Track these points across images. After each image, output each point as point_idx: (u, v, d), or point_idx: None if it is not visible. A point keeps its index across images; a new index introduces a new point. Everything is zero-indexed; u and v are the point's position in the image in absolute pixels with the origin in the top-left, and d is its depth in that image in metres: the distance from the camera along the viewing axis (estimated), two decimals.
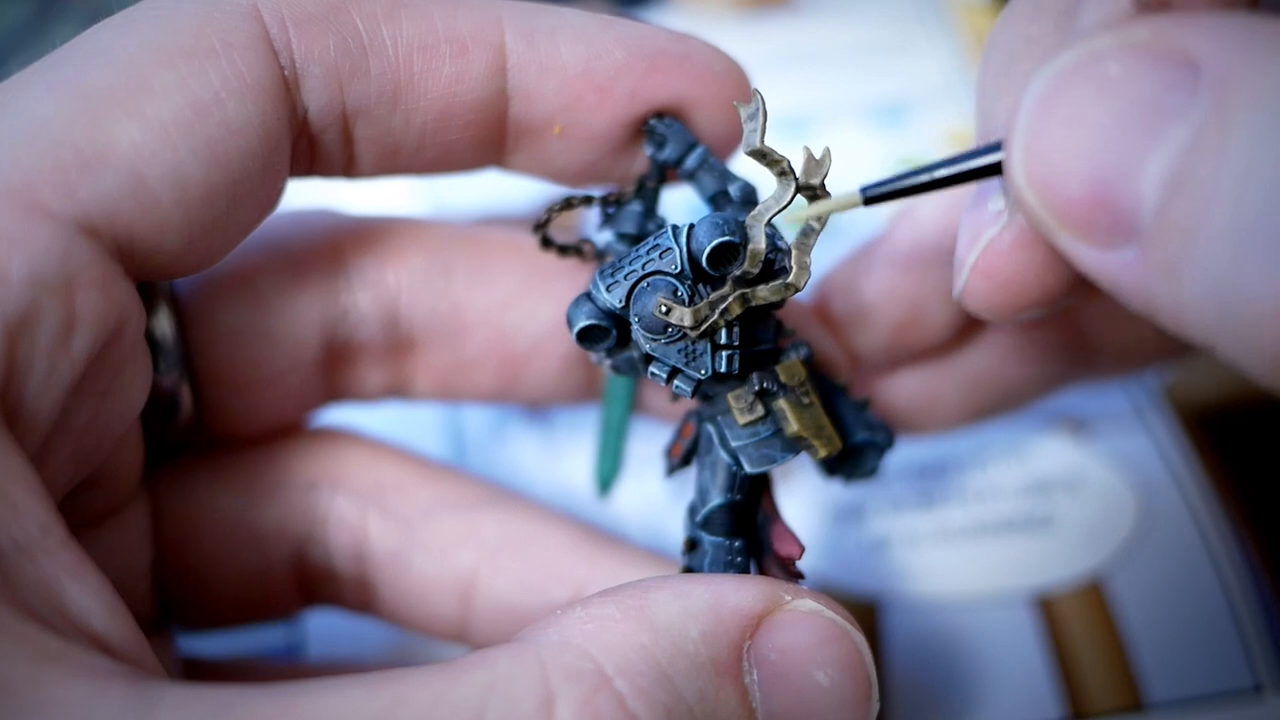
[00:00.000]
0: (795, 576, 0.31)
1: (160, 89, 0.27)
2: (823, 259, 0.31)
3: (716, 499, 0.31)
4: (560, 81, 0.31)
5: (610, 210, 0.33)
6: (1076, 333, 0.39)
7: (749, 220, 0.29)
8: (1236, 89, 0.20)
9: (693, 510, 0.32)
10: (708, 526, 0.31)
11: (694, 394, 0.30)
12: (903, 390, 0.37)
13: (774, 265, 0.29)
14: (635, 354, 0.31)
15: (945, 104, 0.56)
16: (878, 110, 0.56)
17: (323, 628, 0.42)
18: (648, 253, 0.29)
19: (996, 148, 0.26)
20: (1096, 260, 0.23)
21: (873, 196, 0.27)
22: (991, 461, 0.45)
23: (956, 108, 0.56)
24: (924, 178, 0.27)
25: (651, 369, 0.30)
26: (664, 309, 0.28)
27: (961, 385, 0.38)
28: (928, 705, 0.40)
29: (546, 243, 0.33)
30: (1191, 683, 0.40)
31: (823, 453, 0.30)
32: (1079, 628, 0.41)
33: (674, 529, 0.33)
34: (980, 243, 0.27)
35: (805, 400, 0.30)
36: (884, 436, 0.33)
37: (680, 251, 0.29)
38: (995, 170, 0.26)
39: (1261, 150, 0.20)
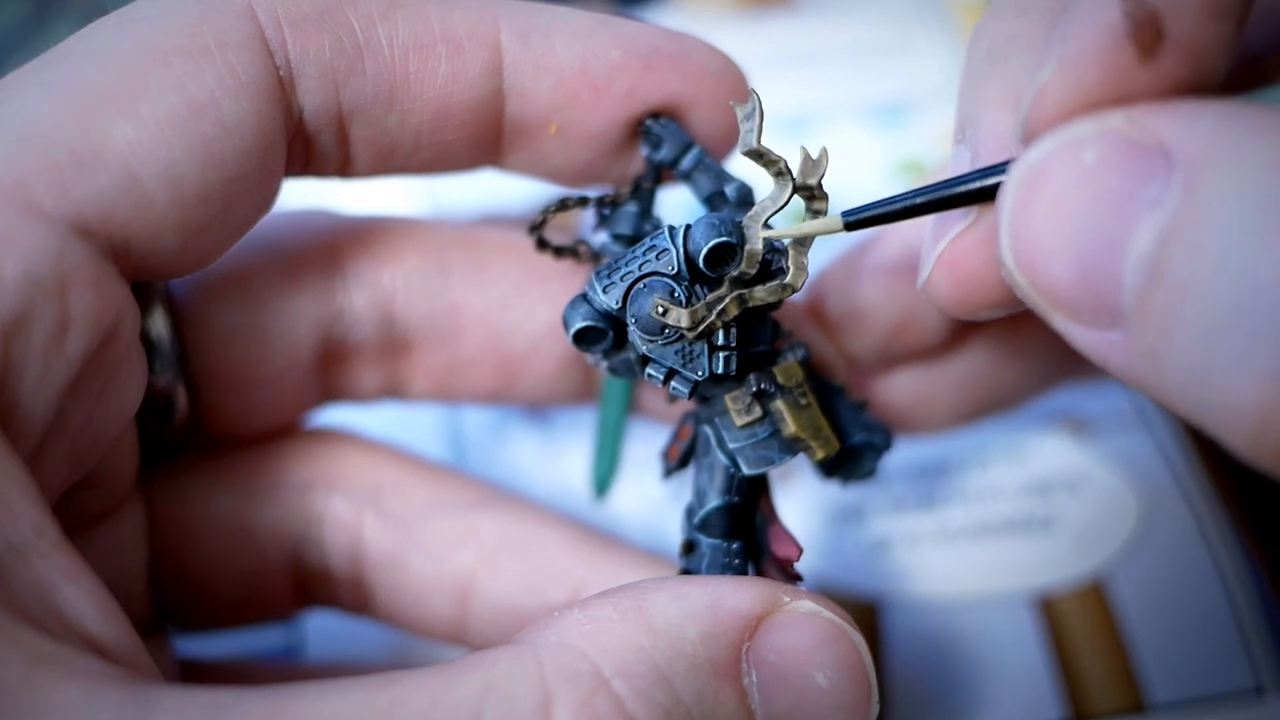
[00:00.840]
0: (793, 578, 0.31)
1: (155, 88, 0.27)
2: (820, 259, 0.31)
3: (714, 501, 0.31)
4: (556, 81, 0.31)
5: (606, 211, 0.33)
6: None
7: (746, 221, 0.28)
8: (1208, 179, 0.21)
9: (690, 512, 0.31)
10: (705, 528, 0.31)
11: (691, 395, 0.30)
12: (898, 391, 0.37)
13: (771, 266, 0.29)
14: (632, 355, 0.31)
15: (945, 104, 0.56)
16: (877, 110, 0.56)
17: (322, 629, 0.42)
18: (644, 254, 0.29)
19: (973, 177, 0.26)
20: (1086, 339, 0.23)
21: (853, 222, 0.27)
22: (992, 462, 0.45)
23: (956, 108, 0.56)
24: (905, 204, 0.27)
25: (648, 370, 0.30)
26: (661, 310, 0.28)
27: (956, 385, 0.38)
28: (928, 706, 0.40)
29: (542, 244, 0.33)
30: (1193, 684, 0.40)
31: (820, 454, 0.30)
32: (1080, 628, 0.41)
33: (672, 531, 0.33)
34: (946, 237, 0.27)
35: (803, 401, 0.30)
36: (882, 438, 0.33)
37: (677, 252, 0.29)
38: (975, 198, 0.26)
39: (1232, 242, 0.20)
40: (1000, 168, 0.26)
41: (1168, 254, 0.21)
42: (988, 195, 0.26)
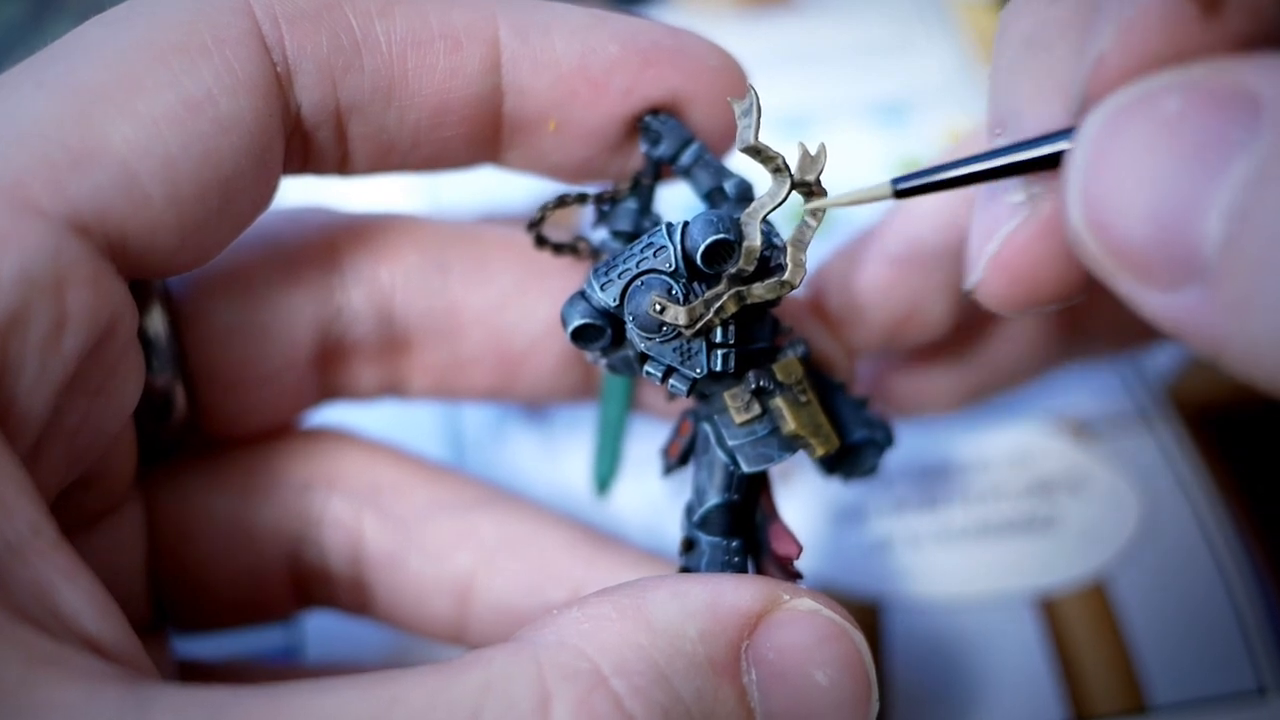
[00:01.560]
0: (793, 576, 0.31)
1: (152, 85, 0.27)
2: (818, 256, 0.31)
3: (714, 498, 0.31)
4: (555, 77, 0.31)
5: (605, 208, 0.33)
6: (1069, 312, 0.39)
7: (744, 217, 0.28)
8: None
9: (690, 510, 0.31)
10: (705, 526, 0.31)
11: (689, 393, 0.30)
12: (899, 374, 0.37)
13: (769, 263, 0.29)
14: (630, 353, 0.31)
15: (946, 103, 0.56)
16: (878, 109, 0.56)
17: (321, 630, 0.42)
18: (642, 251, 0.29)
19: (1040, 142, 0.25)
20: (1159, 303, 0.22)
21: (904, 190, 0.26)
22: (994, 462, 0.45)
23: (958, 106, 0.56)
24: (959, 171, 0.26)
25: (646, 368, 0.30)
26: (658, 307, 0.28)
27: (956, 367, 0.38)
28: (928, 706, 0.40)
29: (541, 241, 0.33)
30: (1195, 684, 0.40)
31: (820, 451, 0.30)
32: (1081, 629, 0.41)
33: (672, 529, 0.33)
34: (998, 237, 0.27)
35: (802, 398, 0.30)
36: (883, 434, 0.33)
37: (675, 249, 0.29)
38: (1040, 165, 0.25)
39: None
40: (1060, 135, 0.25)
41: (1260, 197, 0.20)
42: (1046, 164, 0.25)
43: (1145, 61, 0.22)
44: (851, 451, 0.33)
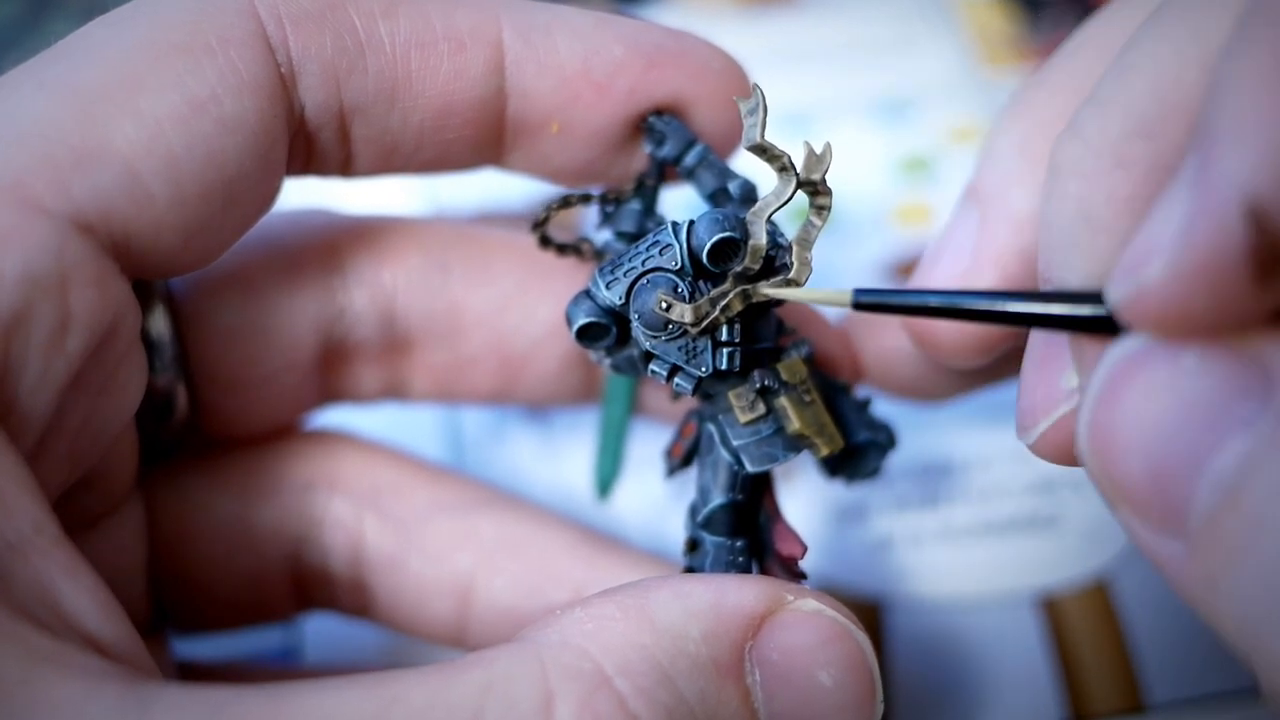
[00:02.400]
0: (797, 576, 0.31)
1: (155, 85, 0.27)
2: (823, 255, 0.31)
3: (718, 499, 0.31)
4: (558, 79, 0.31)
5: (609, 209, 0.33)
6: None
7: (750, 216, 0.28)
8: None
9: (694, 510, 0.31)
10: (709, 526, 0.31)
11: (695, 392, 0.30)
12: (898, 360, 0.37)
13: (774, 262, 0.29)
14: (635, 352, 0.31)
15: (949, 101, 0.56)
16: (880, 107, 0.56)
17: (320, 631, 0.42)
18: (648, 249, 0.29)
19: (997, 299, 0.25)
20: (1148, 541, 0.22)
21: (865, 304, 0.26)
22: (996, 460, 0.45)
23: (960, 104, 0.56)
24: (922, 303, 0.26)
25: (652, 367, 0.30)
26: (664, 306, 0.28)
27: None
28: (931, 706, 0.40)
29: (545, 241, 0.33)
30: (1193, 682, 0.40)
31: (824, 451, 0.30)
32: (1083, 629, 0.41)
33: (675, 530, 0.33)
34: (1052, 417, 0.26)
35: (807, 398, 0.30)
36: (886, 436, 0.33)
37: (680, 248, 0.29)
38: (995, 319, 0.25)
39: None
40: (1044, 299, 0.24)
41: (1249, 480, 0.20)
42: (1007, 320, 0.25)
43: (1185, 312, 0.21)
44: (854, 453, 0.33)
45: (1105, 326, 0.23)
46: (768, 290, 0.28)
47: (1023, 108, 0.31)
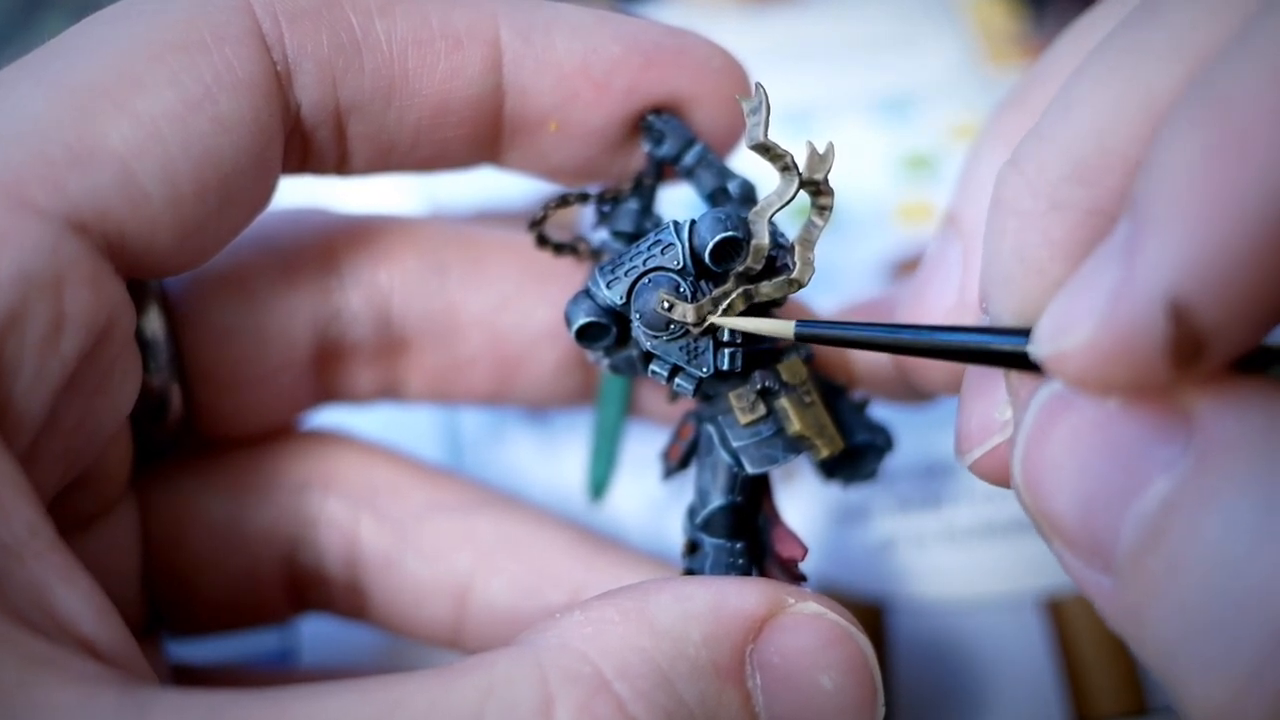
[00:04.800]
0: (798, 579, 0.31)
1: (150, 84, 0.27)
2: (825, 254, 0.31)
3: (717, 500, 0.30)
4: (556, 77, 0.31)
5: (606, 208, 0.33)
6: None
7: (751, 216, 0.28)
8: (1222, 460, 0.21)
9: (693, 512, 0.31)
10: (708, 528, 0.31)
11: (695, 392, 0.30)
12: (883, 371, 0.37)
13: (776, 262, 0.29)
14: (635, 352, 0.31)
15: (951, 98, 0.56)
16: (883, 105, 0.56)
17: (316, 633, 0.41)
18: (649, 248, 0.29)
19: (928, 333, 0.26)
20: (1079, 574, 0.23)
21: (805, 335, 0.27)
22: None
23: (962, 102, 0.56)
24: (862, 336, 0.27)
25: (652, 367, 0.29)
26: (666, 305, 0.28)
27: None
28: (933, 708, 0.40)
29: (542, 240, 0.33)
30: None
31: (825, 453, 0.30)
32: (1087, 631, 0.41)
33: (673, 531, 0.33)
34: (985, 445, 0.27)
35: (807, 399, 0.30)
36: (884, 438, 0.33)
37: (682, 247, 0.29)
38: (923, 352, 0.26)
39: (1231, 532, 0.20)
40: (976, 333, 0.25)
41: (1168, 522, 0.21)
42: (940, 354, 0.26)
43: (1104, 380, 0.22)
44: (852, 455, 0.33)
45: (1035, 365, 0.23)
46: (715, 320, 0.29)
47: (1002, 128, 0.31)
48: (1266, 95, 0.19)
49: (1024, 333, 0.24)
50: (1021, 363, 0.24)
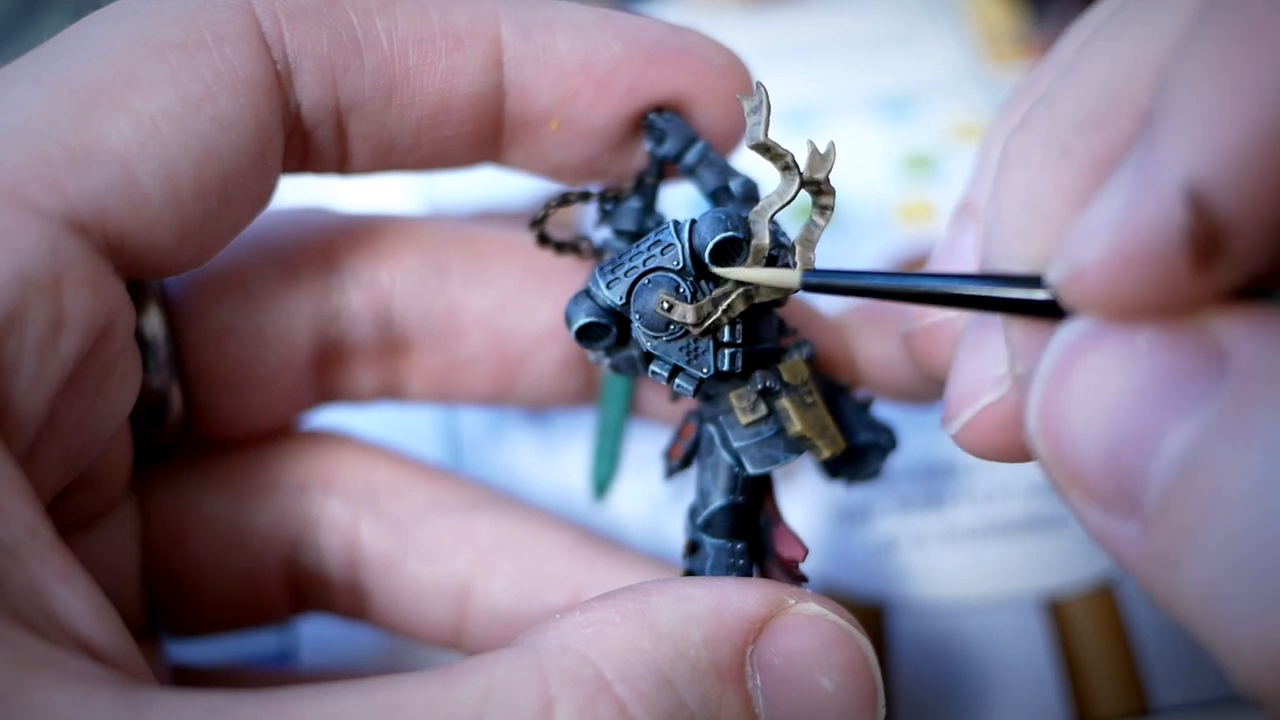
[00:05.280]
0: (799, 579, 0.30)
1: (150, 83, 0.27)
2: (826, 253, 0.31)
3: (718, 501, 0.30)
4: (558, 76, 0.31)
5: (608, 207, 0.33)
6: None
7: (752, 216, 0.28)
8: (1261, 391, 0.20)
9: (694, 512, 0.31)
10: (709, 529, 0.31)
11: (696, 393, 0.30)
12: (889, 368, 0.37)
13: (777, 261, 0.29)
14: (635, 352, 0.31)
15: (953, 97, 0.56)
16: (884, 103, 0.56)
17: (316, 634, 0.41)
18: (649, 249, 0.29)
19: (951, 281, 0.25)
20: (1100, 525, 0.22)
21: (812, 284, 0.27)
22: None
23: (964, 101, 0.56)
24: (872, 284, 0.26)
25: (652, 368, 0.29)
26: (666, 306, 0.28)
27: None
28: (934, 710, 0.40)
29: (543, 239, 0.33)
30: (1199, 686, 0.40)
31: (826, 453, 0.30)
32: (1089, 632, 0.41)
33: (674, 531, 0.33)
34: (976, 405, 0.27)
35: (808, 400, 0.30)
36: (887, 438, 0.33)
37: (682, 247, 0.29)
38: (939, 301, 0.25)
39: (1273, 466, 0.19)
40: (985, 280, 0.25)
41: (1204, 459, 0.20)
42: (951, 301, 0.25)
43: (1123, 293, 0.21)
44: (855, 455, 0.33)
45: (1049, 311, 0.23)
46: (717, 270, 0.28)
47: (1013, 116, 0.31)
48: None
49: (1036, 279, 0.23)
50: (1032, 309, 0.24)
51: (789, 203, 0.28)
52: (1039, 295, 0.23)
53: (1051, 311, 0.23)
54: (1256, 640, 0.19)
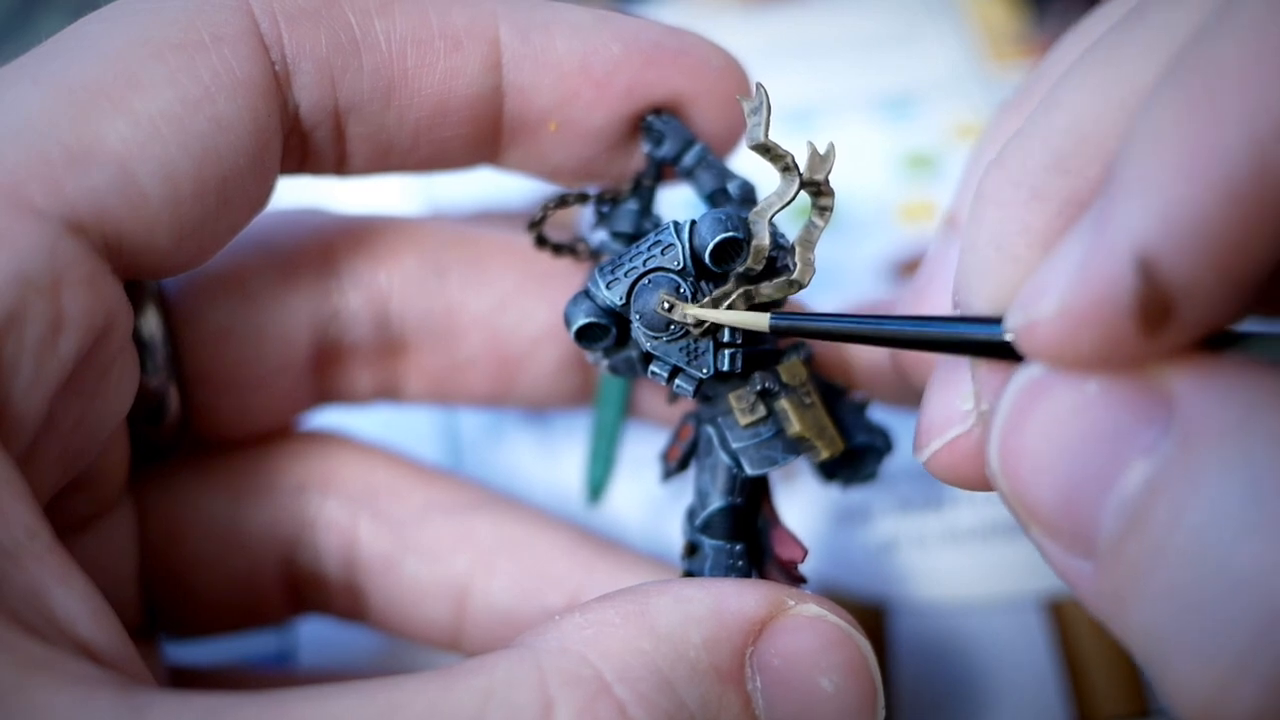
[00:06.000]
0: (797, 580, 0.30)
1: (149, 83, 0.26)
2: (826, 253, 0.31)
3: (717, 502, 0.30)
4: (556, 77, 0.31)
5: (605, 209, 0.33)
6: None
7: (752, 216, 0.28)
8: (1206, 441, 0.20)
9: (692, 514, 0.31)
10: (708, 530, 0.30)
11: (695, 394, 0.30)
12: (882, 373, 0.37)
13: (776, 262, 0.29)
14: (634, 353, 0.31)
15: (953, 96, 0.56)
16: (884, 103, 0.56)
17: (314, 635, 0.41)
18: (649, 249, 0.29)
19: (902, 324, 0.26)
20: (1059, 561, 0.23)
21: (779, 328, 0.27)
22: None
23: (964, 100, 0.56)
24: (835, 327, 0.27)
25: (652, 368, 0.29)
26: (666, 306, 0.28)
27: None
28: (934, 711, 0.40)
29: (542, 241, 0.33)
30: None
31: (825, 454, 0.30)
32: (1090, 632, 0.41)
33: (673, 532, 0.33)
34: (944, 437, 0.27)
35: (807, 401, 0.30)
36: (884, 440, 0.33)
37: (682, 248, 0.28)
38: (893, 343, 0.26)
39: (1217, 518, 0.20)
40: (948, 322, 0.25)
41: (1151, 506, 0.21)
42: (913, 344, 0.26)
43: (1072, 349, 0.22)
44: (852, 457, 0.33)
45: (1010, 353, 0.23)
46: (690, 310, 0.28)
47: (1001, 130, 0.31)
48: (1237, 57, 0.20)
49: (997, 321, 0.24)
50: (994, 350, 0.24)
51: (789, 203, 0.28)
52: (1001, 337, 0.24)
53: (1013, 353, 0.23)
54: (1195, 679, 0.20)
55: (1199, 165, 0.19)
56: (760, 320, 0.27)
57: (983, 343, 0.25)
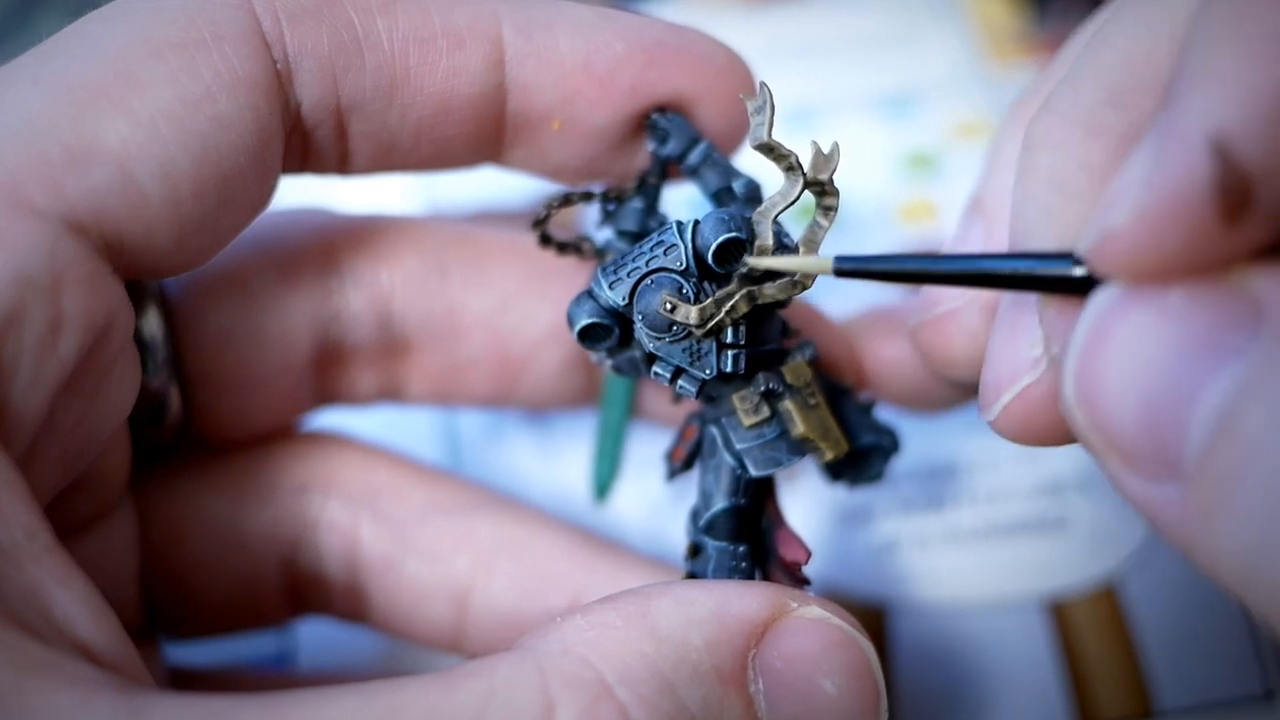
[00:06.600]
0: (801, 582, 0.30)
1: (149, 82, 0.26)
2: (828, 253, 0.31)
3: (720, 503, 0.30)
4: (559, 75, 0.31)
5: (610, 207, 0.33)
6: None
7: (755, 216, 0.28)
8: None
9: (696, 515, 0.31)
10: (711, 531, 0.30)
11: (698, 394, 0.29)
12: (898, 369, 0.37)
13: None
14: (637, 354, 0.30)
15: (955, 96, 0.56)
16: (886, 102, 0.56)
17: (315, 636, 0.41)
18: (652, 249, 0.29)
19: (984, 260, 0.25)
20: (1139, 490, 0.22)
21: (846, 270, 0.26)
22: (1003, 461, 0.45)
23: (966, 99, 0.55)
24: (907, 268, 0.26)
25: (655, 369, 0.29)
26: (669, 307, 0.28)
27: None
28: (936, 712, 0.40)
29: (545, 240, 0.33)
30: (1202, 689, 0.40)
31: (829, 455, 0.30)
32: (1092, 634, 0.41)
33: (675, 533, 0.33)
34: (1014, 388, 0.26)
35: (811, 401, 0.30)
36: (890, 440, 0.33)
37: (685, 248, 0.28)
38: (985, 282, 0.25)
39: None
40: (1016, 259, 0.25)
41: (1242, 409, 0.20)
42: (982, 281, 0.25)
43: (1153, 254, 0.21)
44: (858, 457, 0.33)
45: (1081, 287, 0.23)
46: (751, 261, 0.28)
47: (1023, 114, 0.31)
48: None
49: (1066, 256, 0.23)
50: (1064, 286, 0.24)
51: (793, 203, 0.28)
52: (1071, 271, 0.23)
53: (1083, 288, 0.23)
54: None
55: (1264, 44, 0.19)
56: (824, 264, 0.27)
57: (1053, 277, 0.24)
